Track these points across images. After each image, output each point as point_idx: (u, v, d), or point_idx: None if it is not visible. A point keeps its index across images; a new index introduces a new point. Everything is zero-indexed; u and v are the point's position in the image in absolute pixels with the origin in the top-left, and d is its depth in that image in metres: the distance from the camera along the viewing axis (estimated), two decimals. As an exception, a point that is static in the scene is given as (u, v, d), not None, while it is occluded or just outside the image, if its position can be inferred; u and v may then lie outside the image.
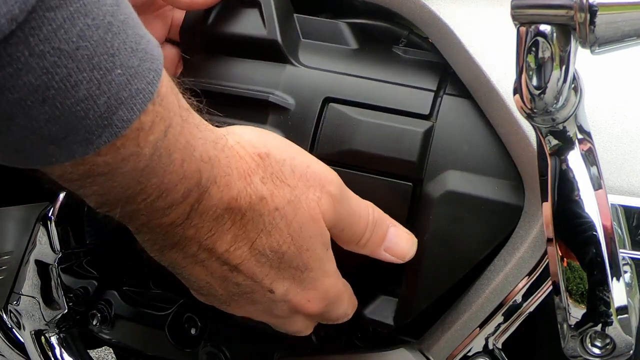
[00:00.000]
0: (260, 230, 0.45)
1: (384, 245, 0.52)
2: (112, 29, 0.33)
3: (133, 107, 0.35)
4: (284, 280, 0.47)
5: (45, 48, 0.31)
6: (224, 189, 0.42)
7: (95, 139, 0.34)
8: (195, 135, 0.40)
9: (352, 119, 0.55)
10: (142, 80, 0.35)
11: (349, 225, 0.51)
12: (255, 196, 0.44)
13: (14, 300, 0.80)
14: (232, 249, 0.44)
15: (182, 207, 0.41)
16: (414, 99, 0.55)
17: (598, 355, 0.49)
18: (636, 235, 0.51)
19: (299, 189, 0.46)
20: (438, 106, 0.55)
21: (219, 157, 0.42)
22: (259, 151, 0.45)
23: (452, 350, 0.56)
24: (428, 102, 0.55)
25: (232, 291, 0.47)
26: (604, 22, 0.39)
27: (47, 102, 0.32)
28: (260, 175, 0.45)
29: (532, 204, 0.53)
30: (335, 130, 0.55)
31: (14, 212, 0.77)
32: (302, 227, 0.46)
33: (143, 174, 0.38)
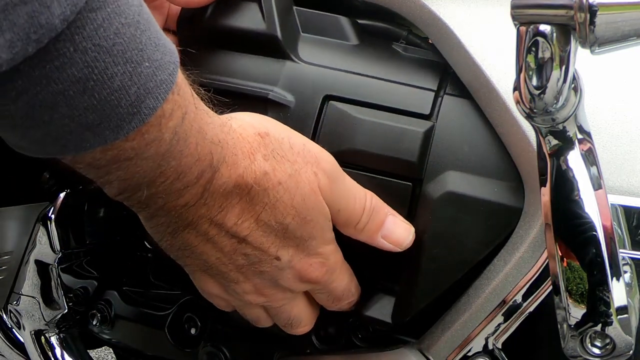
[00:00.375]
0: (265, 203, 0.48)
1: (381, 232, 0.53)
2: (140, 27, 0.38)
3: (158, 96, 0.39)
4: (289, 247, 0.50)
5: (87, 45, 0.35)
6: (232, 168, 0.46)
7: (126, 125, 0.38)
8: (206, 120, 0.44)
9: (352, 117, 0.55)
10: (165, 71, 0.39)
11: (344, 205, 0.52)
12: (260, 172, 0.47)
13: (14, 300, 0.79)
14: (239, 222, 0.48)
15: (196, 187, 0.45)
16: (414, 98, 0.55)
17: (598, 355, 0.49)
18: (636, 235, 0.51)
19: (298, 163, 0.49)
20: (438, 106, 0.55)
21: (226, 139, 0.46)
22: (259, 131, 0.49)
23: (452, 350, 0.56)
24: (428, 102, 0.55)
25: (240, 264, 0.50)
26: (604, 22, 0.39)
27: (86, 92, 0.36)
28: (263, 153, 0.48)
29: (532, 204, 0.53)
30: (336, 129, 0.55)
31: (14, 212, 0.77)
32: (304, 198, 0.49)
33: (164, 157, 0.42)
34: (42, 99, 0.36)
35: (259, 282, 0.52)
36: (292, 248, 0.51)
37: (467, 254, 0.54)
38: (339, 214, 0.52)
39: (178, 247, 0.49)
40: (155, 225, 0.48)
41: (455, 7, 0.56)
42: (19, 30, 0.32)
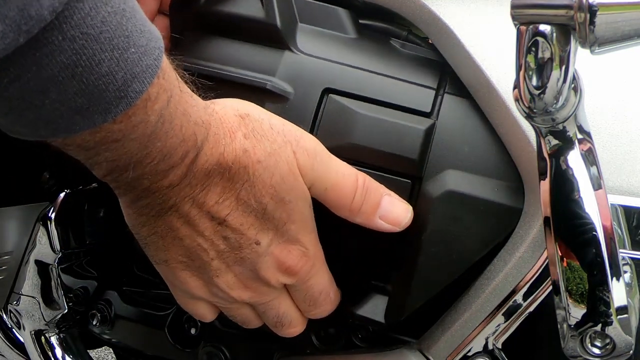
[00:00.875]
0: (245, 181, 0.49)
1: (379, 212, 0.53)
2: (125, 14, 0.39)
3: (144, 80, 0.41)
4: (268, 230, 0.51)
5: (75, 33, 0.37)
6: (214, 147, 0.47)
7: (113, 108, 0.40)
8: (190, 103, 0.46)
9: (352, 111, 0.54)
10: (150, 56, 0.41)
11: (333, 183, 0.52)
12: (240, 150, 0.48)
13: (14, 300, 0.79)
14: (220, 201, 0.49)
15: (180, 167, 0.47)
16: (415, 95, 0.55)
17: (598, 355, 0.49)
18: (636, 235, 0.51)
19: (278, 142, 0.50)
20: (439, 104, 0.55)
21: (209, 120, 0.48)
22: (240, 112, 0.50)
23: (452, 350, 0.56)
24: (429, 99, 0.55)
25: (221, 249, 0.51)
26: (604, 22, 0.39)
27: (75, 77, 0.38)
28: (243, 132, 0.49)
29: (532, 204, 0.53)
30: (335, 123, 0.54)
31: (14, 212, 0.77)
32: (283, 178, 0.50)
33: (150, 139, 0.44)
34: (34, 85, 0.38)
35: (240, 271, 0.52)
36: (272, 231, 0.51)
37: (466, 254, 0.54)
38: (327, 193, 0.52)
39: (160, 233, 0.50)
40: (139, 208, 0.49)
41: (455, 7, 0.56)
42: (10, 22, 0.34)
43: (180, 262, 0.52)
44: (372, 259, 0.56)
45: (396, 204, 0.53)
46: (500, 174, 0.54)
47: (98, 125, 0.41)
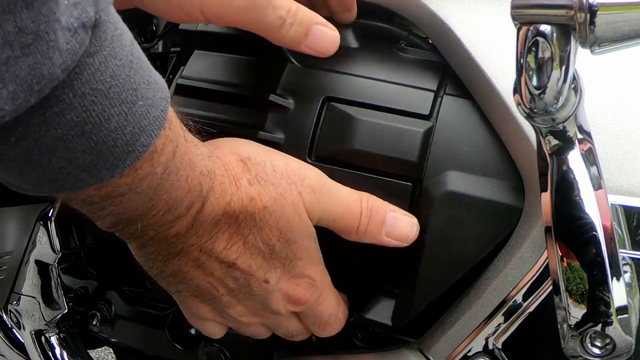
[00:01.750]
0: (252, 227, 0.49)
1: (384, 230, 0.53)
2: (133, 67, 0.38)
3: (151, 133, 0.40)
4: (276, 269, 0.51)
5: (85, 89, 0.35)
6: (220, 197, 0.47)
7: (121, 163, 0.39)
8: (195, 152, 0.45)
9: (352, 118, 0.55)
10: (157, 108, 0.40)
11: (340, 214, 0.52)
12: (246, 198, 0.48)
13: (14, 300, 0.79)
14: (228, 246, 0.49)
15: (186, 218, 0.46)
16: (414, 98, 0.55)
17: (598, 355, 0.49)
18: (636, 235, 0.51)
19: (282, 186, 0.50)
20: (438, 106, 0.55)
21: (214, 168, 0.47)
22: (241, 157, 0.50)
23: (452, 350, 0.56)
24: (428, 102, 0.55)
25: (231, 287, 0.51)
26: (604, 22, 0.39)
27: (84, 135, 0.37)
28: (247, 178, 0.49)
29: (532, 204, 0.53)
30: (335, 130, 0.55)
31: (14, 212, 0.77)
32: (289, 221, 0.50)
33: (155, 191, 0.43)
34: (41, 144, 0.36)
35: (250, 304, 0.53)
36: (279, 269, 0.51)
37: (468, 254, 0.54)
38: (336, 223, 0.53)
39: (169, 273, 0.50)
40: (146, 254, 0.49)
41: (455, 7, 0.56)
42: (21, 82, 0.32)
43: (191, 294, 0.52)
44: (379, 263, 0.56)
45: (400, 219, 0.53)
46: (501, 174, 0.54)
47: (105, 181, 0.39)
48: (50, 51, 0.33)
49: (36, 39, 0.32)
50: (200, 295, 0.52)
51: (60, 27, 0.33)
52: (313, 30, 0.52)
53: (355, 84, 0.56)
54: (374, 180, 0.54)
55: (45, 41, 0.32)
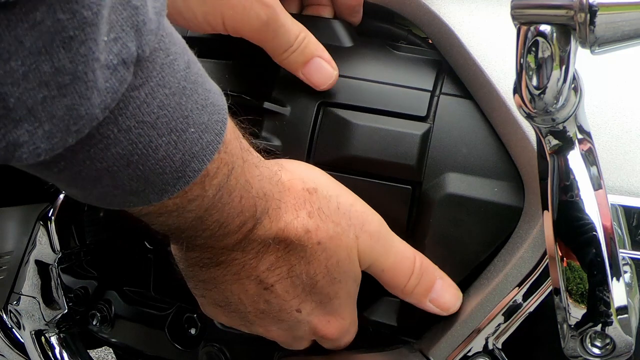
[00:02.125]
0: (301, 257, 0.48)
1: (430, 296, 0.53)
2: (185, 93, 0.36)
3: (203, 159, 0.38)
4: (312, 302, 0.51)
5: (131, 123, 0.34)
6: (274, 220, 0.46)
7: (170, 188, 0.38)
8: (254, 173, 0.44)
9: (348, 122, 0.55)
10: (211, 132, 0.38)
11: (390, 267, 0.52)
12: (302, 229, 0.47)
13: (14, 300, 0.79)
14: (272, 269, 0.48)
15: (237, 235, 0.45)
16: (410, 100, 0.55)
17: (598, 355, 0.49)
18: (636, 235, 0.51)
19: (342, 226, 0.49)
20: (435, 107, 0.55)
21: (272, 191, 0.46)
22: (308, 186, 0.49)
23: (452, 350, 0.56)
24: (424, 102, 0.55)
25: (260, 308, 0.50)
26: (604, 22, 0.39)
27: (130, 166, 0.35)
28: (308, 210, 0.48)
29: (532, 204, 0.53)
30: (332, 135, 0.55)
31: (14, 212, 0.77)
32: (339, 262, 0.49)
33: (207, 210, 0.42)
34: (85, 175, 0.35)
35: (274, 328, 0.53)
36: (315, 303, 0.51)
37: (469, 255, 0.54)
38: (384, 274, 0.52)
39: (204, 279, 0.50)
40: (188, 258, 0.48)
41: (455, 7, 0.56)
42: (58, 122, 0.31)
43: (217, 304, 0.52)
44: None
45: (448, 290, 0.54)
46: (500, 174, 0.54)
47: (153, 203, 0.39)
48: (89, 91, 0.31)
49: (74, 80, 0.30)
50: (225, 307, 0.52)
51: (100, 66, 0.31)
52: (313, 61, 0.53)
53: (350, 87, 0.56)
54: (373, 184, 0.54)
55: (84, 81, 0.31)
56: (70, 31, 0.29)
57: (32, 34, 0.28)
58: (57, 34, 0.29)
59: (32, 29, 0.28)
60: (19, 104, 0.29)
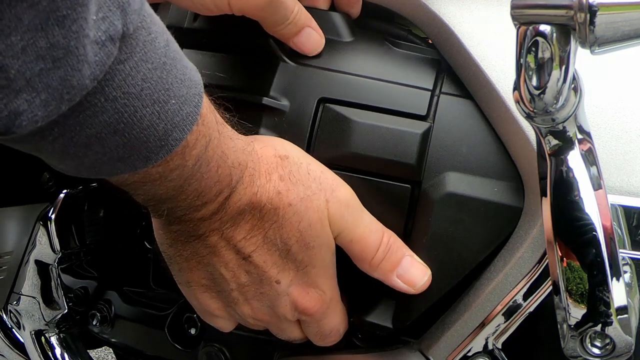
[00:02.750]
0: (274, 221, 0.50)
1: (397, 271, 0.54)
2: (166, 67, 0.40)
3: (183, 129, 0.42)
4: (289, 271, 0.52)
5: (117, 94, 0.38)
6: (248, 187, 0.49)
7: (154, 156, 0.41)
8: (229, 145, 0.47)
9: (348, 120, 0.54)
10: (190, 105, 0.42)
11: (359, 237, 0.53)
12: (273, 191, 0.50)
13: (14, 300, 0.79)
14: (248, 237, 0.50)
15: (213, 204, 0.48)
16: (410, 98, 0.55)
17: (598, 355, 0.49)
18: (636, 235, 0.51)
19: (312, 189, 0.51)
20: (435, 106, 0.55)
21: (247, 160, 0.49)
22: (280, 153, 0.51)
23: (452, 350, 0.56)
24: (425, 101, 0.55)
25: (242, 282, 0.52)
26: (604, 22, 0.39)
27: (117, 133, 0.39)
28: (280, 173, 0.50)
29: (532, 204, 0.53)
30: (332, 132, 0.55)
31: (14, 212, 0.77)
32: (310, 224, 0.51)
33: (186, 180, 0.45)
34: (77, 141, 0.39)
35: (257, 306, 0.54)
36: (293, 272, 0.52)
37: (468, 255, 0.54)
38: (352, 245, 0.53)
39: (185, 257, 0.52)
40: (169, 232, 0.51)
41: (455, 7, 0.56)
42: (53, 92, 0.34)
43: (202, 285, 0.53)
44: None
45: (415, 266, 0.54)
46: (500, 174, 0.54)
47: (138, 170, 0.42)
48: (80, 64, 0.35)
49: (66, 54, 0.34)
50: (210, 287, 0.53)
51: (89, 42, 0.35)
52: (304, 31, 0.55)
53: (350, 83, 0.55)
54: (373, 182, 0.54)
55: (75, 55, 0.34)
56: (63, 10, 0.33)
57: (30, 12, 0.32)
58: (52, 12, 0.32)
59: (31, 8, 0.32)
60: (19, 75, 0.33)
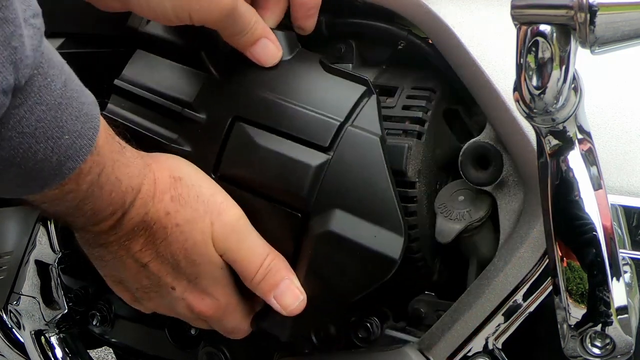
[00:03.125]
0: (163, 238, 0.54)
1: (274, 292, 0.56)
2: (61, 107, 0.43)
3: (76, 159, 0.45)
4: (182, 280, 0.56)
5: (12, 134, 0.41)
6: (140, 208, 0.52)
7: (49, 182, 0.45)
8: (123, 171, 0.51)
9: (253, 142, 0.55)
10: (84, 138, 0.45)
11: (240, 258, 0.56)
12: (163, 212, 0.53)
13: (14, 300, 0.80)
14: (143, 249, 0.54)
15: (108, 221, 0.52)
16: (317, 127, 0.54)
17: (598, 355, 0.49)
18: (636, 235, 0.51)
19: (199, 212, 0.55)
20: (340, 138, 0.54)
21: (141, 184, 0.52)
22: (174, 174, 0.55)
23: (452, 350, 0.56)
24: (330, 132, 0.54)
25: (144, 284, 0.57)
26: (604, 22, 0.39)
27: (14, 166, 0.42)
28: (171, 194, 0.54)
29: (532, 203, 0.53)
30: (238, 153, 0.56)
31: (14, 212, 0.77)
32: (195, 244, 0.55)
33: (81, 201, 0.48)
34: None
35: (160, 303, 0.59)
36: (185, 281, 0.56)
37: (342, 294, 0.55)
38: (235, 264, 0.56)
39: (95, 257, 0.57)
40: (79, 237, 0.56)
41: (455, 7, 0.56)
42: None
43: (114, 280, 0.59)
44: None
45: (291, 290, 0.56)
46: (384, 221, 0.53)
47: (35, 194, 0.46)
48: None
49: None
50: (121, 283, 0.58)
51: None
52: (260, 42, 0.57)
53: (266, 104, 0.56)
54: (267, 206, 0.55)
55: None
56: None
57: None
58: None
59: None
60: None
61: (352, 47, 0.64)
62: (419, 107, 0.58)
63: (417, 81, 0.61)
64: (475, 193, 0.57)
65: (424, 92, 0.59)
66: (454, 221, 0.57)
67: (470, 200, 0.57)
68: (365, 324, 0.62)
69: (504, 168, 0.55)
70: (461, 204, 0.58)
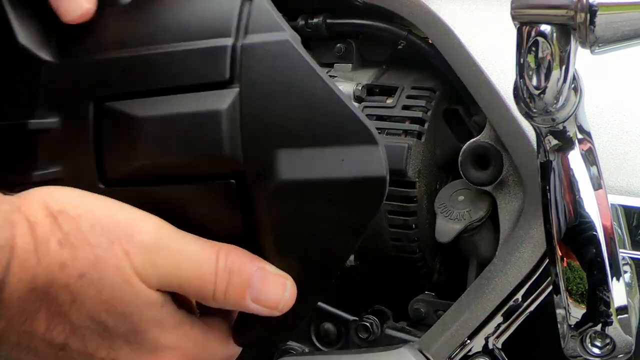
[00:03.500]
0: (70, 301, 0.40)
1: (249, 295, 0.42)
2: None
3: None
4: (121, 347, 0.42)
5: None
6: (22, 270, 0.38)
7: None
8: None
9: (132, 118, 0.41)
10: None
11: (185, 279, 0.41)
12: (55, 265, 0.39)
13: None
14: (51, 327, 0.40)
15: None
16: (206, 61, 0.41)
17: (598, 355, 0.49)
18: (636, 235, 0.51)
19: (103, 246, 0.40)
20: (239, 62, 0.40)
21: (13, 236, 0.38)
22: (51, 211, 0.40)
23: (452, 350, 0.56)
24: (224, 60, 0.40)
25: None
26: (604, 22, 0.39)
27: None
28: (57, 238, 0.39)
29: (532, 203, 0.53)
30: (119, 141, 0.41)
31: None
32: (115, 290, 0.40)
33: None
34: None
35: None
36: (125, 346, 0.42)
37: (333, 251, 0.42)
38: (184, 289, 0.42)
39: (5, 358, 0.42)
40: None
41: (455, 7, 0.56)
42: None
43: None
44: None
45: (269, 280, 0.42)
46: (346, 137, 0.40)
47: None
48: None
49: None
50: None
51: None
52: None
53: (130, 65, 0.41)
54: (191, 189, 0.41)
55: None
56: None
57: None
58: None
59: None
60: None
61: (352, 47, 0.64)
62: (419, 107, 0.59)
63: (417, 81, 0.61)
64: (475, 193, 0.57)
65: (424, 92, 0.59)
66: (454, 221, 0.57)
67: (470, 200, 0.57)
68: (365, 324, 0.62)
69: (504, 168, 0.55)
70: (461, 204, 0.58)
